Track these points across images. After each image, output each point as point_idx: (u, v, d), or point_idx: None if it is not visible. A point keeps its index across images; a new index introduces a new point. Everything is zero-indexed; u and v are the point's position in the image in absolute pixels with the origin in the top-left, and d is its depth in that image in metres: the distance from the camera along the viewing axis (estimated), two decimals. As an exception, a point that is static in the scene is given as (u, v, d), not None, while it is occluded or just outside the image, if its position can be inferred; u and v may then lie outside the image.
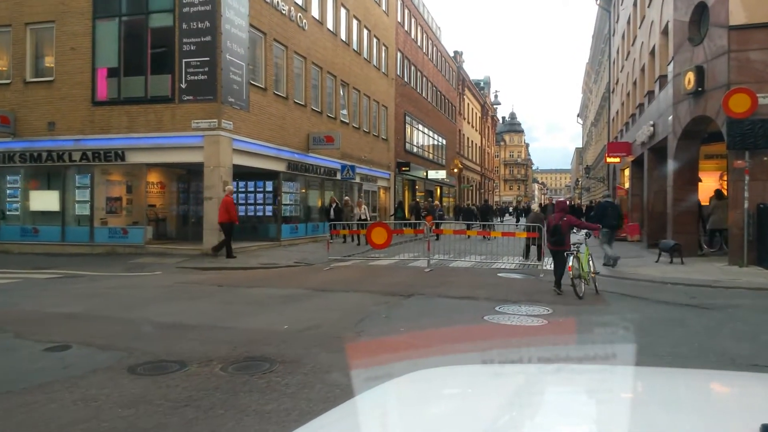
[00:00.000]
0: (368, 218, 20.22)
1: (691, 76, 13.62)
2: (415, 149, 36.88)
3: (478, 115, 65.14)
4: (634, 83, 23.22)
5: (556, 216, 9.72)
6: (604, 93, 38.99)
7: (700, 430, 1.20)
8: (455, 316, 7.65)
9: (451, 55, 51.90)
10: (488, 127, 73.84)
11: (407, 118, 34.94)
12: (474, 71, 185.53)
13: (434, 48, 43.30)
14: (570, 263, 9.14)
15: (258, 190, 19.64)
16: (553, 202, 22.55)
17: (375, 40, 28.97)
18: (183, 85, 15.88)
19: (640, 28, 21.73)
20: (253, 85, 17.52)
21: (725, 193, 16.38)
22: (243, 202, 19.72)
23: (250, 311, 7.94)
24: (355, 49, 26.36)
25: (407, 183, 36.05)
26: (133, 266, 14.10)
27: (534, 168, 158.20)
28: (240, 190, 19.56)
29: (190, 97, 15.82)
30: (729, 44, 12.46)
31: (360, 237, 18.97)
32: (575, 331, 6.97)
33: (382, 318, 7.38)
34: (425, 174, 38.47)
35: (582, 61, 63.82)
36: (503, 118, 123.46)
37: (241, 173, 18.74)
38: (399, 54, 33.18)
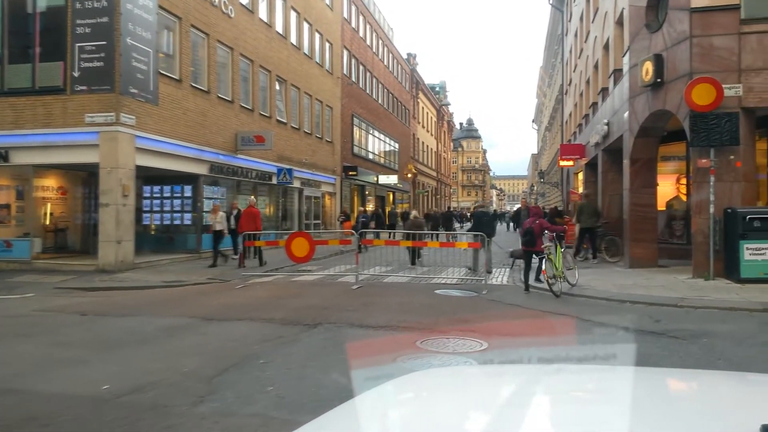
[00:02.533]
0: (225, 229, 15.03)
1: (648, 66, 12.23)
2: (364, 153, 35.09)
3: (434, 119, 63.93)
4: (588, 82, 22.01)
5: (530, 219, 10.84)
6: (557, 95, 38.10)
7: (700, 430, 1.20)
8: (359, 359, 5.80)
9: (405, 57, 50.47)
10: (444, 132, 72.77)
11: (355, 119, 33.14)
12: (430, 76, 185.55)
13: (385, 48, 41.71)
14: (543, 267, 9.95)
15: (175, 195, 17.43)
16: (499, 209, 21.07)
17: (317, 36, 27.10)
18: (76, 74, 13.65)
19: (593, 22, 20.51)
20: (165, 75, 15.40)
21: (684, 198, 15.19)
22: (158, 209, 17.49)
23: (82, 357, 5.90)
24: (294, 43, 24.43)
25: (356, 188, 34.24)
26: (6, 286, 11.79)
27: (492, 174, 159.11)
28: (149, 195, 17.32)
29: (84, 87, 13.60)
30: (691, 29, 11.09)
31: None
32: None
33: (256, 366, 5.48)
34: (376, 179, 36.73)
35: (538, 65, 63.48)
36: (461, 124, 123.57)
37: (152, 176, 16.57)
38: (345, 52, 31.39)
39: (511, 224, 35.87)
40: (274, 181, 21.54)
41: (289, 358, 5.77)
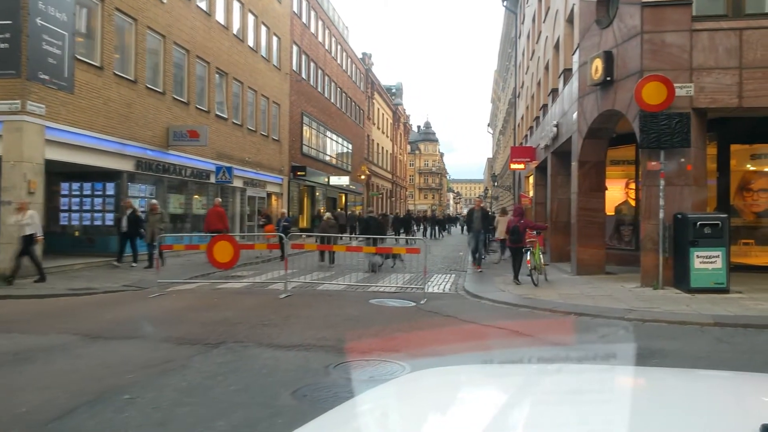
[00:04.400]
0: (37, 231, 11.24)
1: (598, 64, 11.65)
2: (314, 153, 33.95)
3: (390, 121, 63.23)
4: (539, 83, 21.57)
5: (514, 219, 11.79)
6: (510, 99, 37.90)
7: (700, 430, 1.20)
8: (248, 393, 4.77)
9: (360, 56, 49.56)
10: (401, 134, 72.19)
11: (305, 118, 31.99)
12: (387, 78, 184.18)
13: (339, 46, 40.67)
14: (528, 258, 11.19)
15: (96, 193, 15.99)
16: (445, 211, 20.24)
17: (264, 29, 25.87)
18: (-25, 56, 12.15)
19: (544, 22, 20.06)
20: (83, 61, 14.00)
21: (633, 203, 14.76)
22: (77, 208, 16.02)
23: None
24: (238, 35, 23.16)
25: (305, 189, 33.07)
26: None
27: (449, 177, 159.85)
28: (67, 193, 15.85)
29: (-17, 71, 12.12)
30: (642, 24, 10.54)
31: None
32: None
33: (116, 404, 4.40)
34: (327, 180, 35.65)
35: (493, 68, 63.52)
36: (419, 127, 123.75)
37: (72, 173, 15.14)
38: (295, 47, 30.22)
39: (464, 226, 35.38)
40: (213, 179, 20.26)
41: (163, 392, 4.72)
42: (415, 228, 33.76)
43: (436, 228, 36.49)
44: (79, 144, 13.82)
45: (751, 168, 13.72)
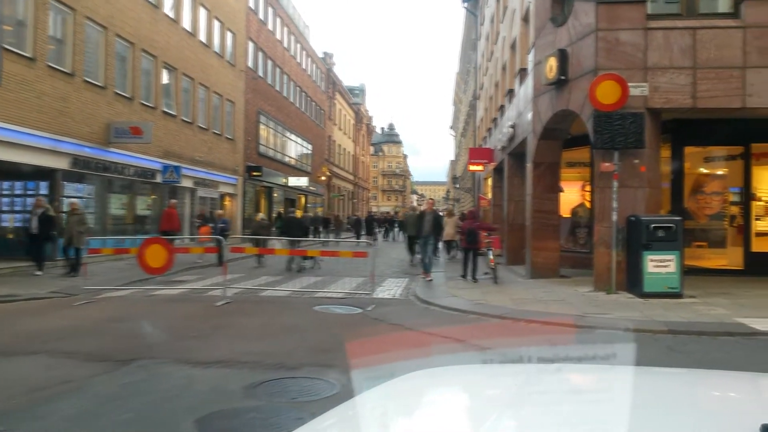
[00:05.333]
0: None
1: (552, 63, 11.37)
2: (271, 152, 33.11)
3: (352, 122, 62.62)
4: (496, 84, 21.36)
5: (469, 222, 12.46)
6: (470, 100, 37.82)
7: (700, 430, 1.20)
8: (143, 422, 4.14)
9: (321, 56, 48.84)
10: (363, 135, 71.67)
11: (262, 117, 31.15)
12: (350, 79, 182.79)
13: (299, 45, 39.90)
14: (491, 256, 11.78)
15: (29, 192, 14.96)
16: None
17: (217, 23, 25.00)
18: None
19: (502, 22, 19.84)
20: (12, 51, 13.02)
21: (588, 205, 14.58)
22: (7, 208, 14.96)
23: None
24: (188, 29, 22.26)
25: (262, 190, 32.20)
26: None
27: (413, 179, 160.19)
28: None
29: None
30: (597, 22, 10.27)
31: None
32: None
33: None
34: (285, 181, 34.84)
35: (455, 71, 63.33)
36: (382, 128, 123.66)
37: (4, 171, 14.10)
38: (251, 44, 29.38)
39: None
40: (159, 179, 19.34)
41: (46, 420, 4.07)
42: (377, 230, 33.24)
43: (395, 229, 35.82)
44: (8, 140, 12.84)
45: (705, 171, 13.70)
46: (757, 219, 12.53)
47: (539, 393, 1.55)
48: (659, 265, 9.02)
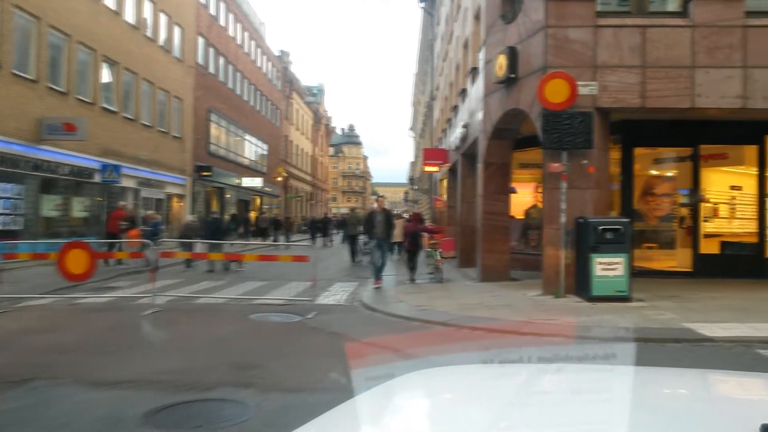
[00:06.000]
0: None
1: (502, 61, 11.07)
2: (223, 152, 32.13)
3: (310, 122, 61.77)
4: (451, 84, 21.11)
5: (413, 224, 12.69)
6: (427, 101, 37.64)
7: (700, 430, 1.21)
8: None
9: (277, 54, 47.90)
10: (322, 135, 70.86)
11: (212, 115, 30.17)
12: (309, 79, 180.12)
13: (253, 42, 38.97)
14: (438, 257, 12.35)
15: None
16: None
17: (163, 17, 24.01)
18: None
19: (456, 21, 19.59)
20: (-77, 38, 11.98)
21: (541, 206, 14.40)
22: None
23: None
24: (131, 21, 21.24)
25: (214, 191, 31.18)
26: None
27: (373, 181, 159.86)
28: None
29: None
30: (546, 19, 10.00)
31: None
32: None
33: None
34: (239, 181, 33.88)
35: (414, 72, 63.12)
36: (343, 129, 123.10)
37: None
38: (201, 40, 28.41)
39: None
40: (98, 179, 18.32)
41: None
42: (334, 231, 32.63)
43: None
44: None
45: (655, 172, 13.68)
46: (705, 220, 12.53)
47: (539, 393, 1.55)
48: (607, 268, 8.77)
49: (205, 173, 27.53)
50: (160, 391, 4.88)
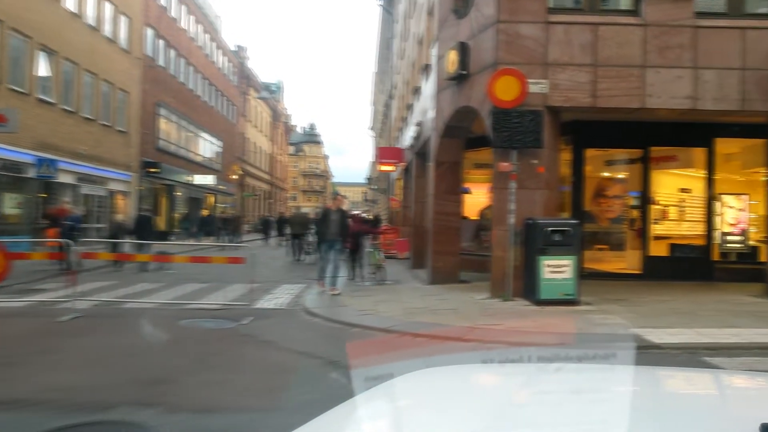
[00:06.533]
0: None
1: (453, 56, 10.73)
2: (173, 148, 31.00)
3: (268, 119, 60.64)
4: (407, 83, 20.77)
5: (356, 225, 12.56)
6: (386, 100, 37.31)
7: (700, 430, 1.21)
8: None
9: (234, 49, 46.76)
10: (281, 133, 69.76)
11: (162, 109, 29.07)
12: (269, 76, 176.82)
13: (208, 35, 37.87)
14: (379, 257, 12.46)
15: None
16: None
17: (108, 5, 22.92)
18: None
19: (412, 18, 19.26)
20: None
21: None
22: None
23: None
24: (72, 9, 20.13)
25: (163, 188, 30.03)
26: None
27: (334, 180, 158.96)
28: None
29: None
30: (498, 14, 9.69)
31: None
32: None
33: None
34: (190, 179, 32.80)
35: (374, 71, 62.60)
36: (304, 128, 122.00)
37: None
38: (150, 30, 27.29)
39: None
40: (32, 174, 17.22)
41: None
42: (288, 230, 31.87)
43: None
44: None
45: (606, 174, 13.61)
46: (654, 223, 12.49)
47: (539, 393, 1.55)
48: (555, 271, 8.50)
49: (152, 170, 26.46)
50: (49, 412, 4.30)
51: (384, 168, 22.73)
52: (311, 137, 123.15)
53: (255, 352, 6.56)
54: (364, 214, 21.04)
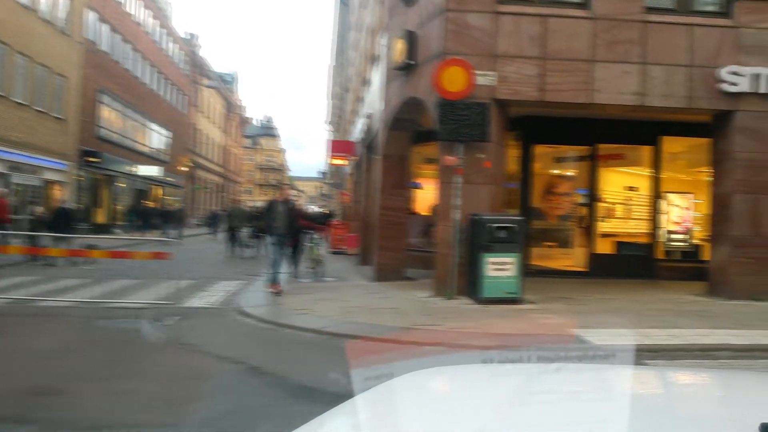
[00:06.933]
0: None
1: (401, 45, 10.33)
2: (116, 137, 29.61)
3: (222, 111, 59.07)
4: (359, 75, 20.30)
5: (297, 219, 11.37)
6: (341, 93, 36.75)
7: (700, 430, 1.22)
8: None
9: (186, 36, 45.23)
10: (235, 126, 68.18)
11: (104, 96, 27.72)
12: (223, 66, 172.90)
13: (157, 21, 36.41)
14: (318, 252, 12.22)
15: None
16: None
17: (44, -16, 21.55)
18: None
19: (366, 8, 18.79)
20: None
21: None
22: None
23: None
24: (2, -15, 18.82)
25: (104, 179, 28.65)
26: None
27: (291, 174, 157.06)
28: None
29: None
30: (447, 2, 9.33)
31: None
32: None
33: None
34: (134, 169, 31.44)
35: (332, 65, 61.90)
36: (260, 121, 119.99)
37: None
38: (92, 13, 25.92)
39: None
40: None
41: None
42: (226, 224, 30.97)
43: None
44: None
45: (555, 171, 13.50)
46: (601, 220, 12.43)
47: (539, 393, 1.55)
48: (498, 269, 8.22)
49: (92, 159, 25.16)
50: None
51: (336, 162, 22.25)
52: (268, 130, 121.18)
53: (171, 356, 6.01)
54: (321, 209, 21.03)
